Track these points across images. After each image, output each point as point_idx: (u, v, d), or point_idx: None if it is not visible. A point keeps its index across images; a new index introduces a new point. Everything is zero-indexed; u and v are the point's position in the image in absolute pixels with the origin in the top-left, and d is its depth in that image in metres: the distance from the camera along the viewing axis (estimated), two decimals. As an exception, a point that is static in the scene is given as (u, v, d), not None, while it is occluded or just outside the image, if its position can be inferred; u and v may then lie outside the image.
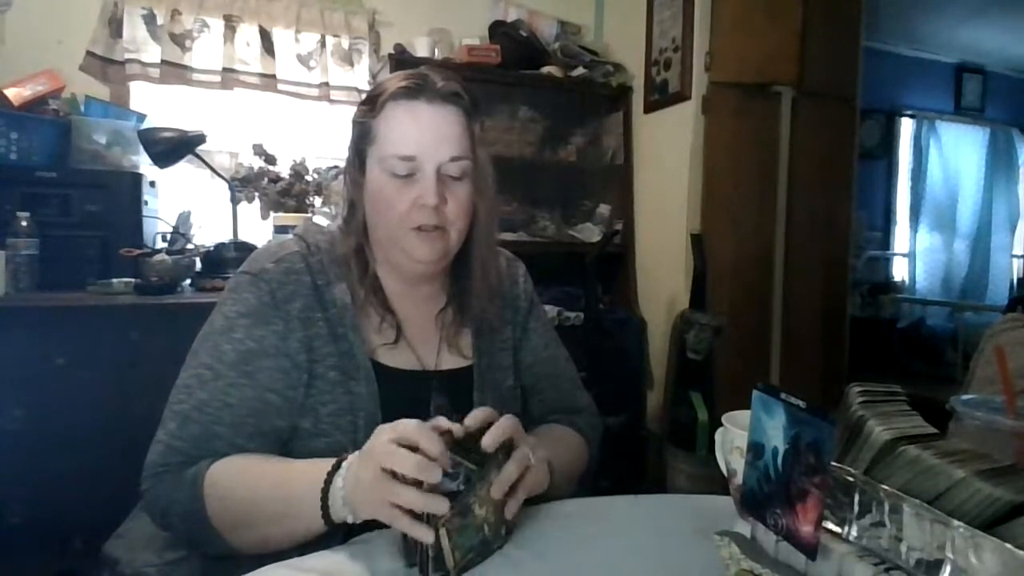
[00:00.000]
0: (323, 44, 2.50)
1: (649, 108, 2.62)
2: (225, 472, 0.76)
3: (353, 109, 0.90)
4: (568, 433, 0.98)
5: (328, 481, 0.70)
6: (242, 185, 2.24)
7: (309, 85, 2.49)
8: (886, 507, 0.54)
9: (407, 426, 0.67)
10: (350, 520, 0.69)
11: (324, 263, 0.86)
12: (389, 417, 0.83)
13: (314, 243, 0.88)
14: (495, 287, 0.94)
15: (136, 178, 2.02)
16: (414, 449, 0.65)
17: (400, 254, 0.85)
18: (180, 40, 2.32)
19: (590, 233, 2.72)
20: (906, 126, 4.35)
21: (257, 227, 2.28)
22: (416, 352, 0.90)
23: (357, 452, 0.71)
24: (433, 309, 0.93)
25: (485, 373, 0.93)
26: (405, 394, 0.86)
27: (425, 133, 0.82)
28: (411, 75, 0.84)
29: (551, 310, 2.41)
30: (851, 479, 0.57)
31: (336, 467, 0.71)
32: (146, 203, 2.05)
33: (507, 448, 0.72)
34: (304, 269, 0.85)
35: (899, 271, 4.42)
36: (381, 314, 0.88)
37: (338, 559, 0.68)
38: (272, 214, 2.23)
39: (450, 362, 0.92)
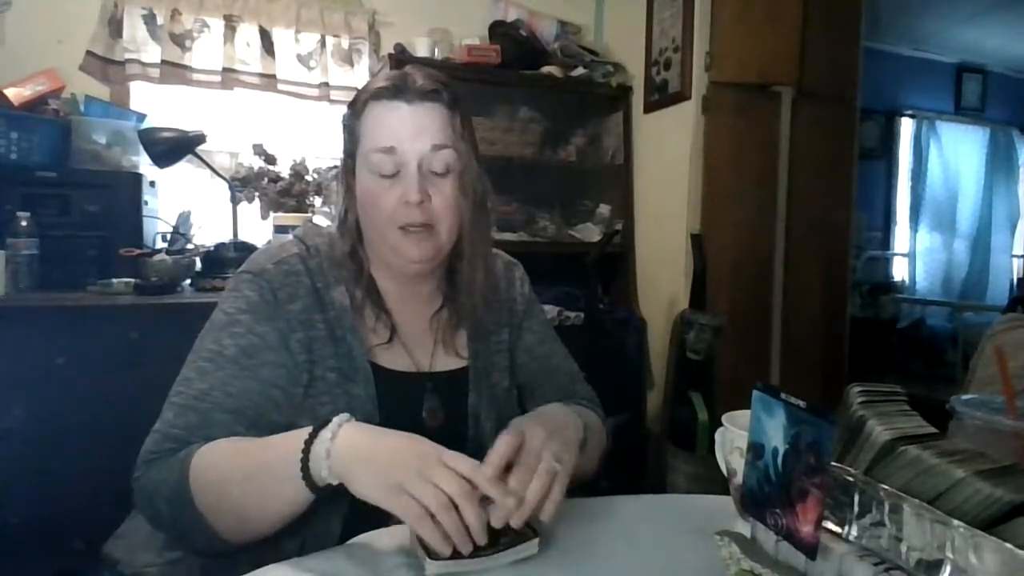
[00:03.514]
0: (323, 44, 2.50)
1: (649, 108, 2.62)
2: (211, 449, 0.74)
3: (354, 110, 0.90)
4: (586, 410, 0.97)
5: (312, 437, 0.68)
6: (242, 185, 2.24)
7: (309, 85, 2.49)
8: (886, 507, 0.54)
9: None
10: (332, 482, 0.67)
11: (323, 266, 0.87)
12: (385, 418, 0.83)
13: (313, 246, 0.88)
14: (489, 287, 0.94)
15: (136, 178, 2.02)
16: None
17: (391, 254, 0.85)
18: (180, 40, 2.32)
19: (590, 233, 2.72)
20: (906, 126, 4.35)
21: (257, 227, 2.28)
22: (411, 353, 0.90)
23: (347, 416, 0.70)
24: (429, 311, 0.93)
25: (480, 374, 0.93)
26: (401, 395, 0.86)
27: (405, 126, 0.82)
28: (391, 75, 0.85)
29: (551, 310, 2.41)
30: (851, 479, 0.57)
31: (321, 426, 0.69)
32: (146, 203, 2.05)
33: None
34: (303, 271, 0.85)
35: (899, 271, 4.42)
36: (376, 313, 0.88)
37: (338, 559, 0.68)
38: (272, 214, 2.23)
39: (445, 363, 0.92)
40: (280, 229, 2.05)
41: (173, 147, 2.01)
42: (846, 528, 0.57)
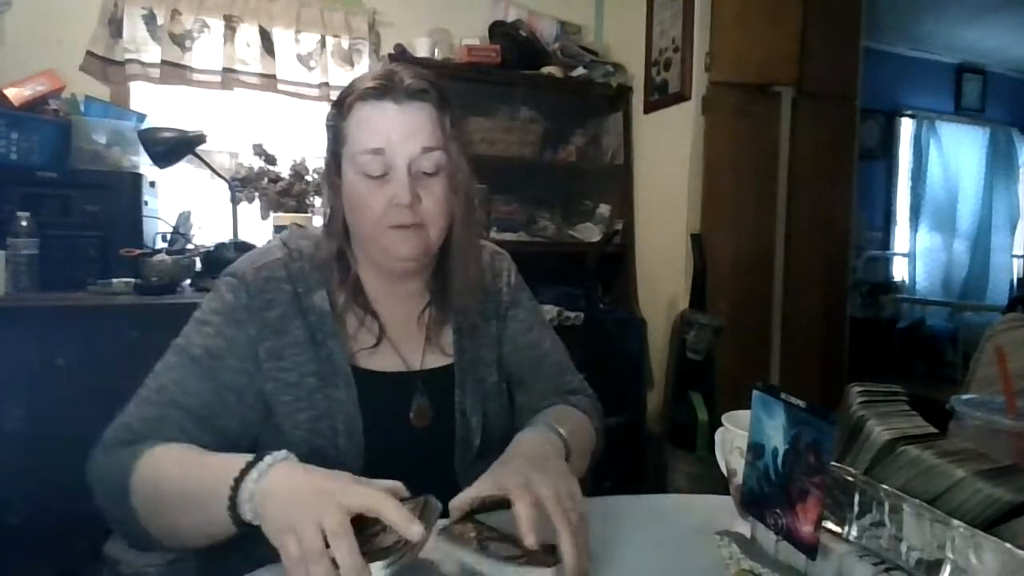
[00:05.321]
0: (323, 44, 2.50)
1: (649, 108, 2.62)
2: (158, 457, 0.74)
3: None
4: (569, 410, 0.94)
5: (243, 475, 0.64)
6: (242, 185, 2.24)
7: (309, 85, 2.49)
8: (886, 507, 0.54)
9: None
10: (255, 523, 0.63)
11: (306, 269, 0.86)
12: (369, 421, 0.83)
13: (296, 249, 0.88)
14: (476, 282, 0.93)
15: (136, 178, 2.02)
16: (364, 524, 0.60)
17: (381, 253, 0.85)
18: (180, 40, 2.32)
19: (590, 233, 2.72)
20: (906, 126, 4.35)
21: (257, 227, 2.28)
22: (400, 352, 0.90)
23: (285, 454, 0.66)
24: (416, 308, 0.92)
25: (467, 370, 0.92)
26: (387, 396, 0.86)
27: (394, 128, 0.81)
28: (378, 75, 0.83)
29: (551, 310, 2.41)
30: (851, 479, 0.57)
31: (255, 462, 0.65)
32: (146, 203, 2.05)
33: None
34: (284, 277, 0.85)
35: (899, 271, 4.42)
36: (362, 317, 0.87)
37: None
38: (272, 214, 2.23)
39: (434, 361, 0.92)
40: (280, 229, 2.05)
41: (173, 147, 2.01)
42: (846, 528, 0.57)
